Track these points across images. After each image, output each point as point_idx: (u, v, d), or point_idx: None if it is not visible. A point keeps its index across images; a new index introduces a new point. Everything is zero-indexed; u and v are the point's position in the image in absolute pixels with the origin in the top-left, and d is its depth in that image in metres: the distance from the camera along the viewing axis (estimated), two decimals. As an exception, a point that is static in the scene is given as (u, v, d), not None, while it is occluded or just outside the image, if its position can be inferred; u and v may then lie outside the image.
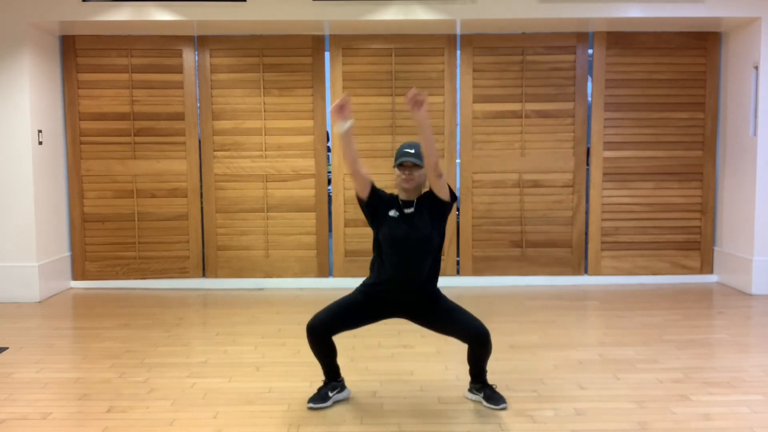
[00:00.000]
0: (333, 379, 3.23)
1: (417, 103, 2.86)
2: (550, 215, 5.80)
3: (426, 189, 3.14)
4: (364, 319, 3.18)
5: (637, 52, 5.71)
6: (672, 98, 5.75)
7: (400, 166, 3.07)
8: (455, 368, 3.66)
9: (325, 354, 3.17)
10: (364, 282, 3.20)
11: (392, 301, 3.14)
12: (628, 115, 5.76)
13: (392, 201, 3.14)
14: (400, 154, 3.07)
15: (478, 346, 3.11)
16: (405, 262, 3.06)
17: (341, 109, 2.96)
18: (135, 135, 5.72)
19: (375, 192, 3.12)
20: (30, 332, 4.47)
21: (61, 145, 5.69)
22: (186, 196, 5.77)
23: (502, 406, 3.10)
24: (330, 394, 3.19)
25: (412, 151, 3.06)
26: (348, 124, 2.96)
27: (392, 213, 3.09)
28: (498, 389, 3.21)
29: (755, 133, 5.34)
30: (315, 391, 3.21)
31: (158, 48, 5.68)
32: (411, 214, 3.08)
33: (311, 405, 3.13)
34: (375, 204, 3.12)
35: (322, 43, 5.70)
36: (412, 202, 3.10)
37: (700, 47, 5.72)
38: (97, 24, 5.26)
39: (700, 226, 5.84)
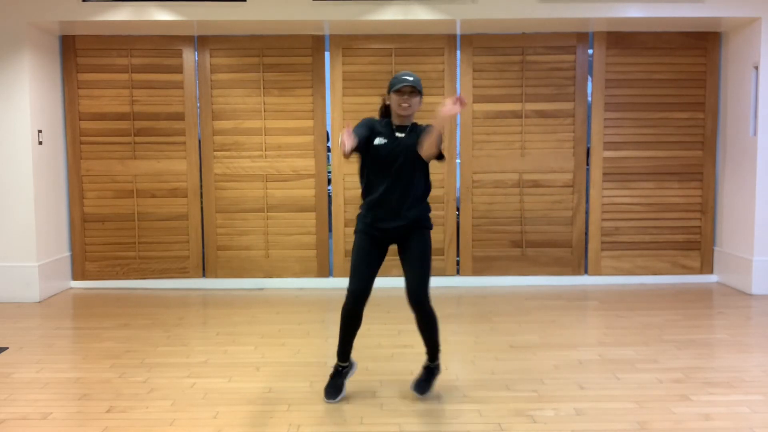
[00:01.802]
0: (345, 359, 3.27)
1: (461, 103, 2.92)
2: (550, 215, 5.80)
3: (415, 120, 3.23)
4: (379, 258, 3.22)
5: (637, 52, 5.71)
6: (672, 98, 5.75)
7: (397, 92, 3.09)
8: (455, 368, 3.66)
9: (355, 327, 3.21)
10: (359, 218, 3.24)
11: (386, 229, 3.16)
12: (628, 115, 5.76)
13: (382, 128, 3.17)
14: (398, 80, 3.08)
15: (414, 311, 3.16)
16: (395, 182, 3.11)
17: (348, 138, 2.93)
18: (135, 135, 5.72)
19: (365, 139, 3.11)
20: (30, 332, 4.47)
21: (61, 145, 5.69)
22: (186, 196, 5.77)
23: (416, 393, 3.21)
24: (344, 382, 3.27)
25: (411, 78, 3.08)
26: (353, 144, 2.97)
27: (378, 141, 3.14)
28: (436, 376, 3.29)
29: (755, 133, 5.35)
30: (326, 387, 3.26)
31: (158, 48, 5.68)
32: (401, 138, 3.15)
33: (331, 400, 3.18)
34: (368, 147, 3.13)
35: (322, 43, 5.70)
36: (406, 127, 3.18)
37: (700, 47, 5.72)
38: (97, 24, 5.26)
39: (700, 226, 5.84)
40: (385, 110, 3.26)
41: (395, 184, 3.12)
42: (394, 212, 3.14)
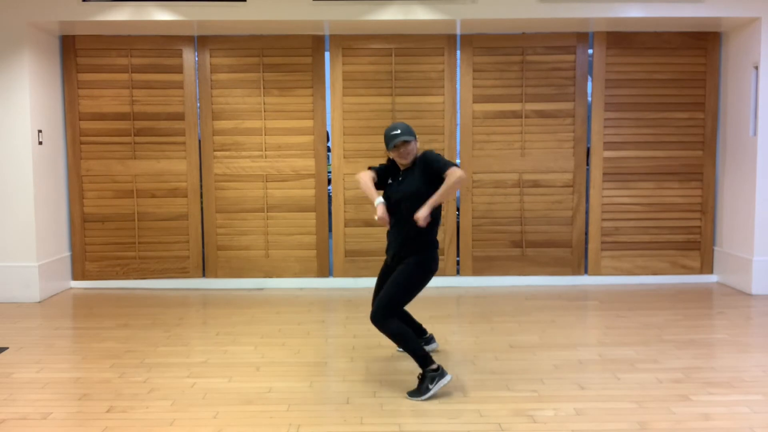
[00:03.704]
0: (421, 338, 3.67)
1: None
2: (550, 215, 5.80)
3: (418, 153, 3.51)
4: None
5: (637, 52, 5.72)
6: (672, 98, 5.75)
7: (394, 148, 3.41)
8: (455, 368, 3.66)
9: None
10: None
11: (389, 251, 3.55)
12: (628, 115, 5.76)
13: (392, 172, 3.58)
14: (389, 138, 3.41)
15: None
16: (398, 216, 3.45)
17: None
18: (135, 135, 5.72)
19: (380, 177, 3.60)
20: (30, 332, 4.47)
21: (61, 145, 5.69)
22: (186, 196, 5.77)
23: (412, 397, 3.24)
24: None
25: (399, 131, 3.39)
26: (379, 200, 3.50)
27: (390, 181, 3.56)
28: (434, 376, 3.26)
29: (755, 133, 5.35)
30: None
31: (158, 48, 5.68)
32: (404, 180, 3.47)
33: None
34: (384, 182, 3.60)
35: (322, 43, 5.70)
36: (408, 169, 3.50)
37: (700, 47, 5.72)
38: (97, 24, 5.26)
39: (700, 226, 5.84)
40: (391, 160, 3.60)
41: (396, 219, 3.46)
42: (394, 244, 3.49)
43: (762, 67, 5.25)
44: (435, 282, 5.74)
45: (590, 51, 5.79)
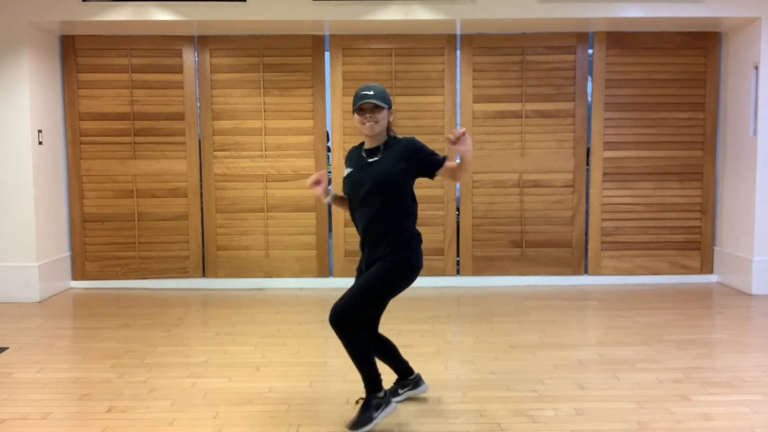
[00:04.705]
0: (404, 377, 3.19)
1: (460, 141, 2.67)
2: (550, 215, 5.80)
3: (393, 133, 2.94)
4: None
5: (637, 52, 5.72)
6: (672, 98, 5.75)
7: (359, 110, 2.81)
8: (455, 368, 3.66)
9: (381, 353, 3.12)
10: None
11: (363, 254, 2.95)
12: (628, 115, 5.76)
13: (352, 159, 2.97)
14: (359, 97, 2.80)
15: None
16: (364, 208, 2.86)
17: (317, 185, 2.96)
18: (135, 135, 5.72)
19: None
20: (30, 332, 4.47)
21: (61, 145, 5.69)
22: (186, 196, 5.77)
23: (354, 429, 2.80)
24: (400, 391, 3.17)
25: (371, 92, 2.79)
26: (329, 198, 3.00)
27: (346, 172, 2.95)
28: (380, 403, 2.88)
29: (755, 133, 5.35)
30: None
31: (158, 48, 5.68)
32: (373, 162, 2.85)
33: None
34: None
35: (322, 43, 5.70)
36: (377, 149, 2.88)
37: (700, 47, 5.72)
38: (97, 24, 5.26)
39: (700, 226, 5.84)
40: None
41: (364, 214, 2.86)
42: (366, 243, 2.90)
43: (762, 67, 5.25)
44: (435, 282, 5.75)
45: (590, 51, 5.79)
